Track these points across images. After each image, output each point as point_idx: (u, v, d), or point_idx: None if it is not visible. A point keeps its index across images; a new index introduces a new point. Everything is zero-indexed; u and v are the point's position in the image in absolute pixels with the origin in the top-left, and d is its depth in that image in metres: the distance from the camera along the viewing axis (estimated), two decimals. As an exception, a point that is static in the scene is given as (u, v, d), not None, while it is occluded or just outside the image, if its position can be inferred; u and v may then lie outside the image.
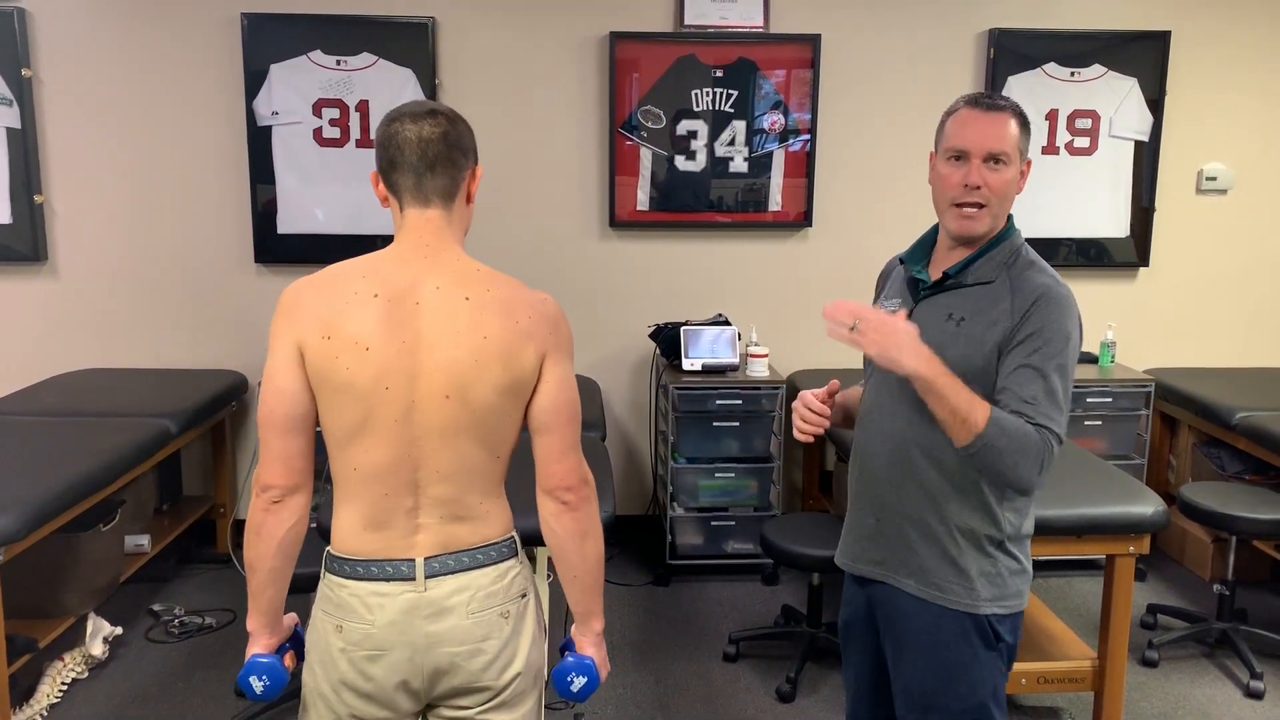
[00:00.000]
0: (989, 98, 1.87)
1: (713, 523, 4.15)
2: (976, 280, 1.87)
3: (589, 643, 1.78)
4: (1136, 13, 4.39)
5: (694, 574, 4.21)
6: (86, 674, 3.33)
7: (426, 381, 1.59)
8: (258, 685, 1.70)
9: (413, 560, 1.63)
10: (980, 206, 1.85)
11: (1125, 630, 2.94)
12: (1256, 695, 3.30)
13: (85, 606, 3.38)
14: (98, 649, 3.37)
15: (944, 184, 1.87)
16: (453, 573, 1.64)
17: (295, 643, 1.78)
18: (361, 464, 1.62)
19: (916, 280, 1.95)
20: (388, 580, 1.62)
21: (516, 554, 1.72)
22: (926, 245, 1.99)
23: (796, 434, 1.96)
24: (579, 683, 1.74)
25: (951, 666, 1.90)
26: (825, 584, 3.51)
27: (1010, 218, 1.92)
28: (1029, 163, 1.91)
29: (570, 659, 1.75)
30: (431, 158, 1.63)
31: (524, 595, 1.71)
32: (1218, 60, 4.45)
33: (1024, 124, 1.87)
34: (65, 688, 3.23)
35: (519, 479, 1.79)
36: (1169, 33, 4.36)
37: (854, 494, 2.04)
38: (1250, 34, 4.44)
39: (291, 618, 1.80)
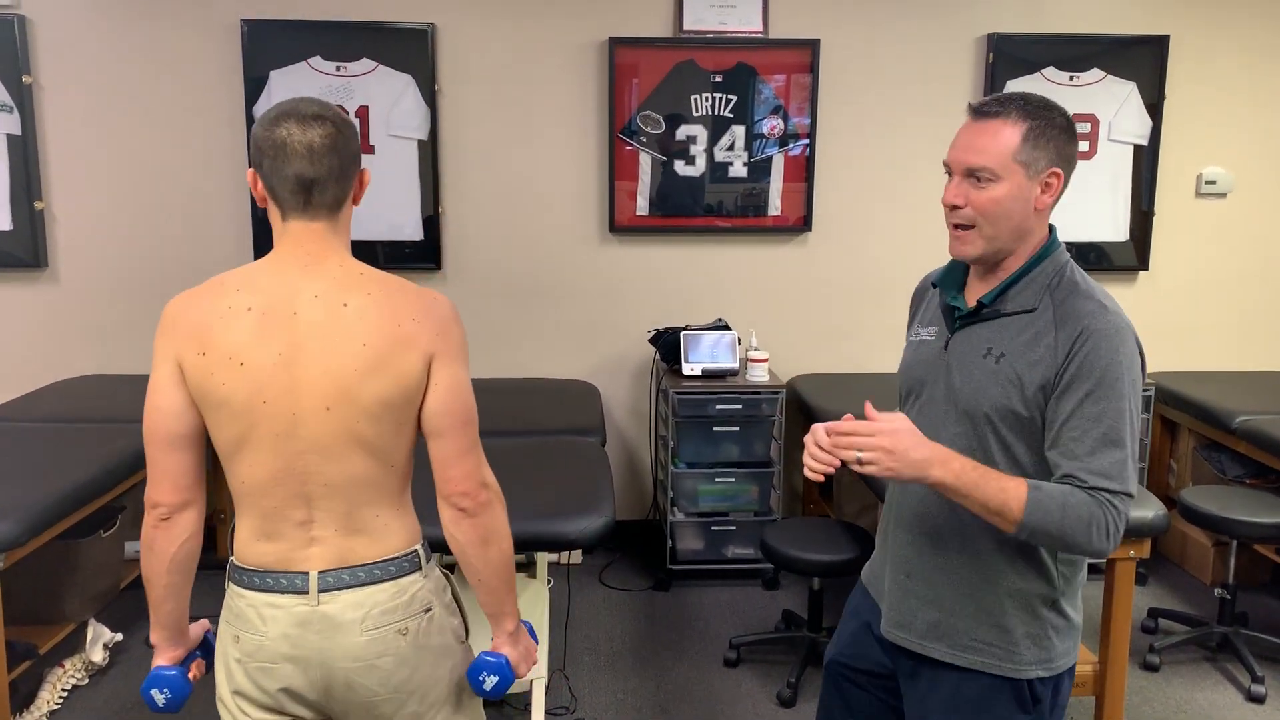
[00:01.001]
0: (986, 103, 1.66)
1: (713, 528, 4.14)
2: (1017, 309, 1.66)
3: (503, 641, 1.73)
4: (1135, 17, 4.40)
5: (694, 579, 4.20)
6: (87, 680, 3.32)
7: (308, 393, 1.55)
8: (159, 698, 1.71)
9: (307, 574, 1.60)
10: (968, 228, 1.67)
11: (1126, 634, 2.94)
12: (1258, 699, 3.30)
13: (85, 613, 3.37)
14: (98, 655, 3.36)
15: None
16: (348, 587, 1.60)
17: (205, 650, 1.79)
18: (247, 477, 1.59)
19: (952, 308, 1.75)
20: (282, 592, 1.60)
21: (419, 568, 1.67)
22: (961, 268, 1.79)
23: (807, 472, 1.67)
24: (490, 681, 1.70)
25: None
26: (826, 589, 3.51)
27: (1052, 231, 1.71)
28: (1056, 173, 1.65)
29: (483, 657, 1.71)
30: (323, 171, 1.56)
31: (427, 610, 1.66)
32: (1217, 64, 4.45)
33: (1038, 128, 1.63)
34: (65, 694, 3.23)
35: (511, 486, 1.78)
36: (1168, 37, 4.37)
37: (882, 552, 1.86)
38: (1249, 38, 4.44)
39: (201, 625, 1.80)
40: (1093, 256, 4.48)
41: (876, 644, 1.86)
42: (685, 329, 4.17)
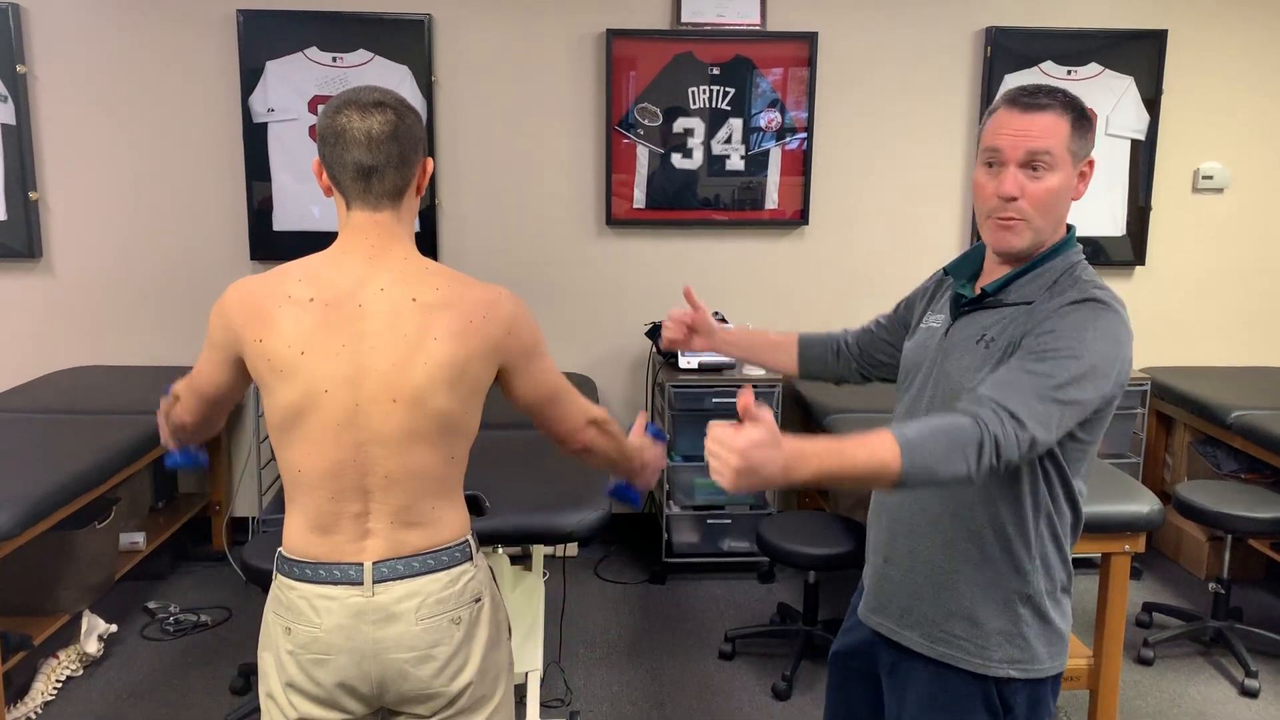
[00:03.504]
0: (1030, 94, 1.60)
1: (709, 521, 4.15)
2: (1018, 299, 1.63)
3: (639, 485, 1.97)
4: (1133, 11, 4.39)
5: (690, 572, 4.21)
6: (81, 672, 3.32)
7: (372, 386, 1.55)
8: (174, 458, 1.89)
9: (361, 564, 1.60)
10: (1018, 219, 1.61)
11: (1120, 628, 2.94)
12: (1251, 694, 3.31)
13: (80, 604, 3.37)
14: (93, 647, 3.36)
15: (981, 194, 1.64)
16: (402, 578, 1.60)
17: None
18: (305, 466, 1.59)
19: (960, 296, 1.73)
20: (335, 584, 1.60)
21: (471, 558, 1.68)
22: (975, 259, 1.75)
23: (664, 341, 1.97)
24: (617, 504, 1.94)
25: None
26: (821, 582, 3.51)
27: (1071, 230, 1.67)
28: (1090, 162, 1.64)
29: (619, 486, 2.00)
30: (382, 159, 1.57)
31: (478, 600, 1.67)
32: (1214, 59, 4.45)
33: (1080, 119, 1.60)
34: (60, 685, 3.22)
35: (507, 479, 1.79)
36: (1166, 31, 4.37)
37: (870, 536, 1.86)
38: (1247, 33, 4.44)
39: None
40: (1089, 251, 4.47)
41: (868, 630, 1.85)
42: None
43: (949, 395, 1.65)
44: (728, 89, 4.29)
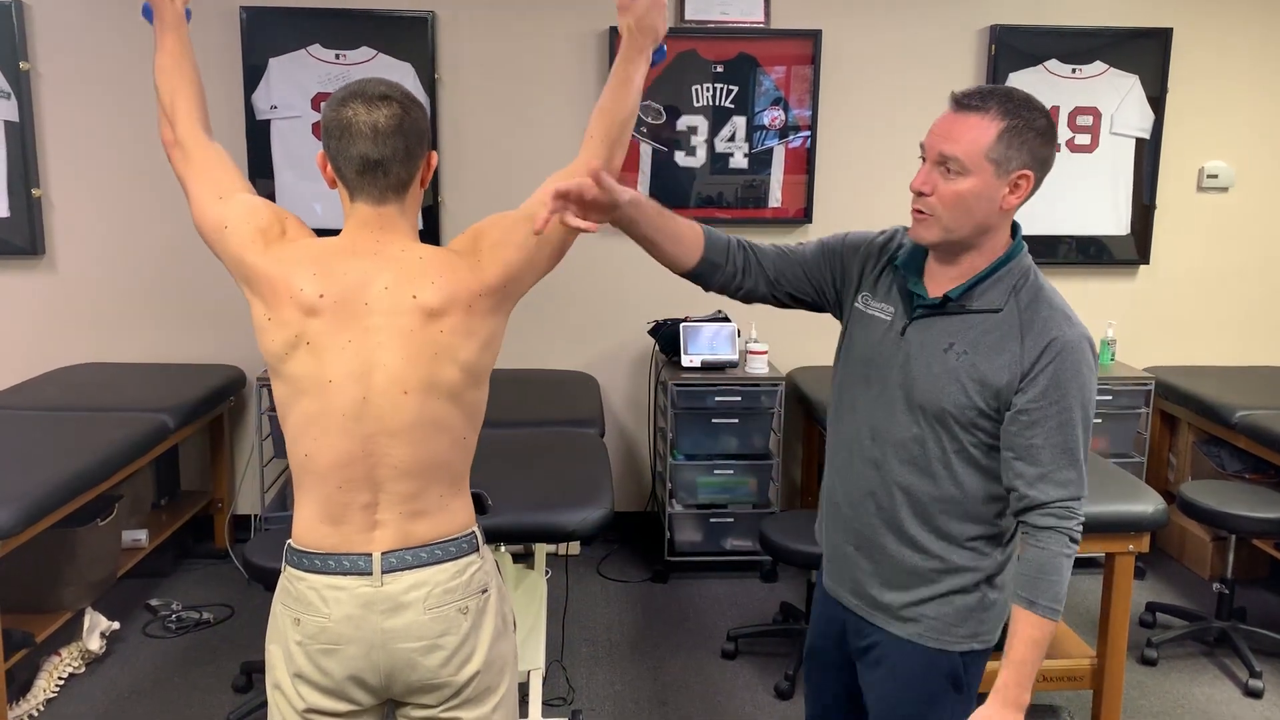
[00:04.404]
0: (969, 95, 1.63)
1: (711, 520, 4.14)
2: (983, 307, 1.67)
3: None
4: (1138, 10, 4.38)
5: (693, 571, 4.20)
6: (83, 669, 3.32)
7: (380, 379, 1.57)
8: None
9: (370, 555, 1.60)
10: (928, 215, 1.65)
11: (1124, 628, 2.94)
12: (1255, 694, 3.30)
13: (82, 601, 3.37)
14: (95, 644, 3.36)
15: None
16: (410, 568, 1.61)
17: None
18: (313, 457, 1.60)
19: (913, 295, 1.73)
20: (344, 574, 1.60)
21: (477, 549, 1.69)
22: (920, 255, 1.76)
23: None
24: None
25: (917, 709, 1.78)
26: (824, 581, 3.50)
27: (1016, 231, 1.71)
28: (1026, 176, 1.62)
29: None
30: (388, 152, 1.57)
31: (484, 590, 1.68)
32: (1219, 58, 4.44)
33: (1015, 128, 1.60)
34: (62, 683, 3.22)
35: (510, 477, 1.78)
36: (1171, 30, 4.35)
37: (828, 514, 1.89)
38: (1252, 32, 4.43)
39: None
40: (1093, 250, 4.46)
41: (836, 615, 1.90)
42: (684, 320, 4.16)
43: (924, 401, 1.69)
44: (731, 87, 4.28)
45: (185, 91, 1.85)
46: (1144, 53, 4.37)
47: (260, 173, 4.21)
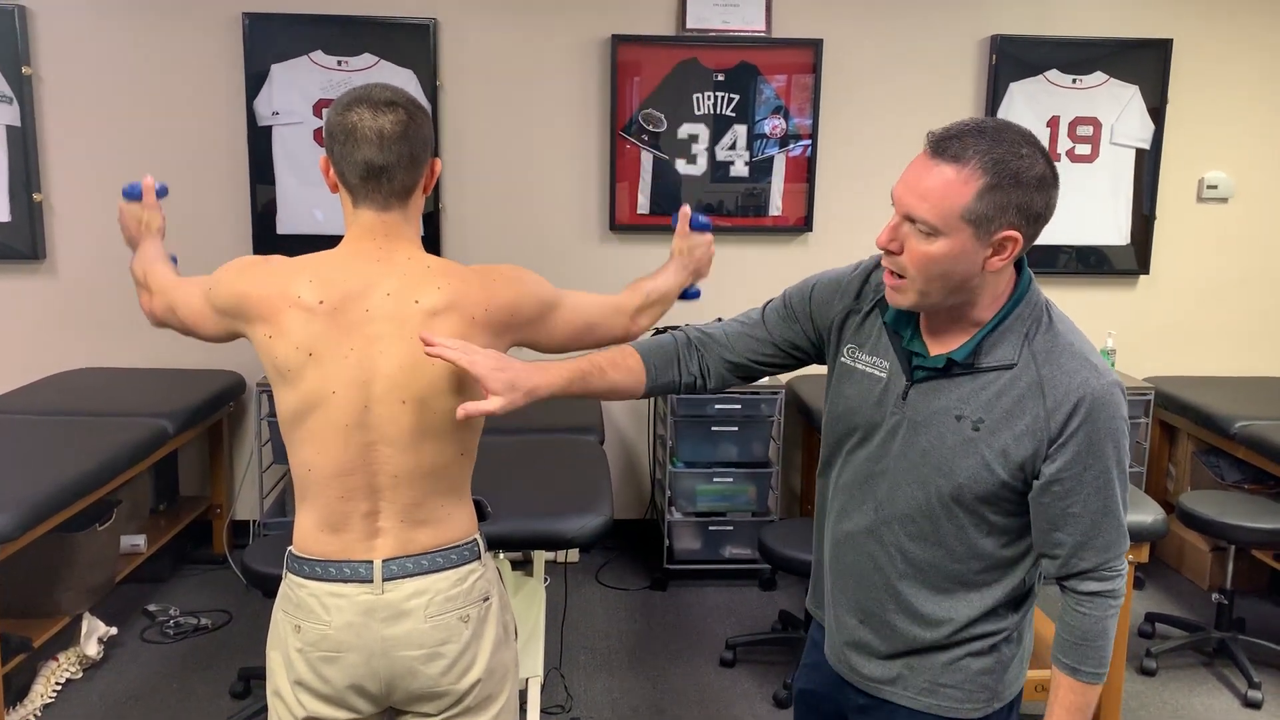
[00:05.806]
0: (948, 140, 1.38)
1: (710, 528, 4.14)
2: (993, 364, 1.45)
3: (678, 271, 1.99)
4: (1139, 20, 4.39)
5: (691, 579, 4.20)
6: (81, 674, 3.32)
7: (381, 387, 1.56)
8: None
9: (371, 562, 1.60)
10: (901, 278, 1.43)
11: (1123, 639, 2.94)
12: (1254, 705, 3.29)
13: (80, 607, 3.37)
14: (92, 649, 3.36)
15: None
16: (411, 575, 1.61)
17: (162, 192, 1.98)
18: (314, 465, 1.60)
19: (910, 353, 1.51)
20: (345, 581, 1.60)
21: (479, 557, 1.68)
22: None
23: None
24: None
25: None
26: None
27: (1023, 263, 1.49)
28: (1015, 239, 1.38)
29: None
30: (392, 158, 1.56)
31: (486, 599, 1.67)
32: (1219, 68, 4.45)
33: (998, 185, 1.35)
34: (59, 688, 3.22)
35: (509, 484, 1.78)
36: (1171, 41, 4.36)
37: (827, 584, 1.68)
38: (1252, 42, 4.44)
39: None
40: (1093, 260, 4.47)
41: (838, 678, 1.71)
42: (685, 328, 4.15)
43: (936, 477, 1.50)
44: (732, 95, 4.29)
45: (156, 268, 1.85)
46: (1144, 63, 4.38)
47: (261, 179, 4.21)
